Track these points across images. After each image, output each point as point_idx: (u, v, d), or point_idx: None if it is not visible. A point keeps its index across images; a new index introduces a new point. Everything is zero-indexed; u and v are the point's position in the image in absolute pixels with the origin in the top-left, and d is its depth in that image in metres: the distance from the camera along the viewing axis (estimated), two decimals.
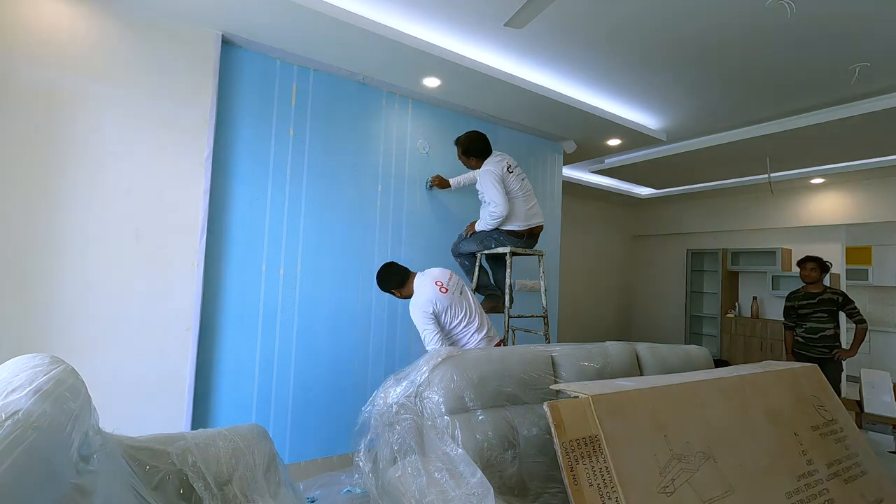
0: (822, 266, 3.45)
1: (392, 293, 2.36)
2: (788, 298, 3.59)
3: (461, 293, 2.26)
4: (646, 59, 2.66)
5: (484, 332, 2.24)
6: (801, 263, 3.51)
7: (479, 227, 2.71)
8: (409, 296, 2.27)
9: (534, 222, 2.69)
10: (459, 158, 2.78)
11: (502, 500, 1.34)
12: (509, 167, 2.64)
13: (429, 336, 2.13)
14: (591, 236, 6.71)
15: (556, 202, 3.91)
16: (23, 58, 1.94)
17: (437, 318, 2.15)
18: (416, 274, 2.31)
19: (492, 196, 2.55)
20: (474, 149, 2.68)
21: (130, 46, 2.16)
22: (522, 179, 2.68)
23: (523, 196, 2.65)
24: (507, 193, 2.57)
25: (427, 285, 2.20)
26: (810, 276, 3.43)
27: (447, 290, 2.19)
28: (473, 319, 2.22)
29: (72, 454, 0.87)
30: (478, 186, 2.68)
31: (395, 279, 2.30)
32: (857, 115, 3.16)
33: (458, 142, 2.74)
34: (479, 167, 2.69)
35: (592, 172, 5.35)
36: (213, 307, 2.35)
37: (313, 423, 2.60)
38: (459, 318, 2.19)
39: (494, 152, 2.71)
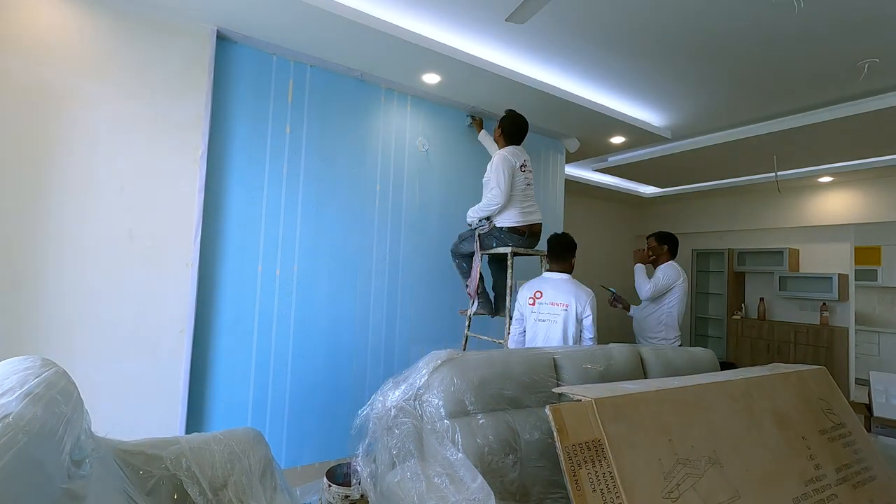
0: None
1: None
2: None
3: (544, 319, 2.45)
4: (650, 55, 2.63)
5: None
6: None
7: (472, 212, 2.71)
8: (566, 271, 2.57)
9: (532, 219, 2.67)
10: (495, 129, 2.82)
11: None
12: (523, 166, 2.64)
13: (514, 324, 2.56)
14: (594, 236, 6.66)
15: (558, 201, 3.88)
16: (12, 54, 1.92)
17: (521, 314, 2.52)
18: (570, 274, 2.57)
19: (496, 181, 2.55)
20: (510, 127, 2.71)
21: (123, 42, 2.14)
22: (528, 184, 2.67)
23: (522, 195, 2.63)
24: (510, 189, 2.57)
25: (537, 283, 2.53)
26: None
27: (533, 302, 2.47)
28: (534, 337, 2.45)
29: (63, 458, 0.86)
30: (488, 166, 2.66)
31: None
32: (867, 112, 3.11)
33: (506, 113, 2.78)
34: (501, 146, 2.70)
35: (595, 171, 5.31)
36: (207, 308, 2.33)
37: (310, 426, 2.58)
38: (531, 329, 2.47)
39: (520, 147, 2.72)
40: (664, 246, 3.15)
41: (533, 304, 2.45)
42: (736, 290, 6.09)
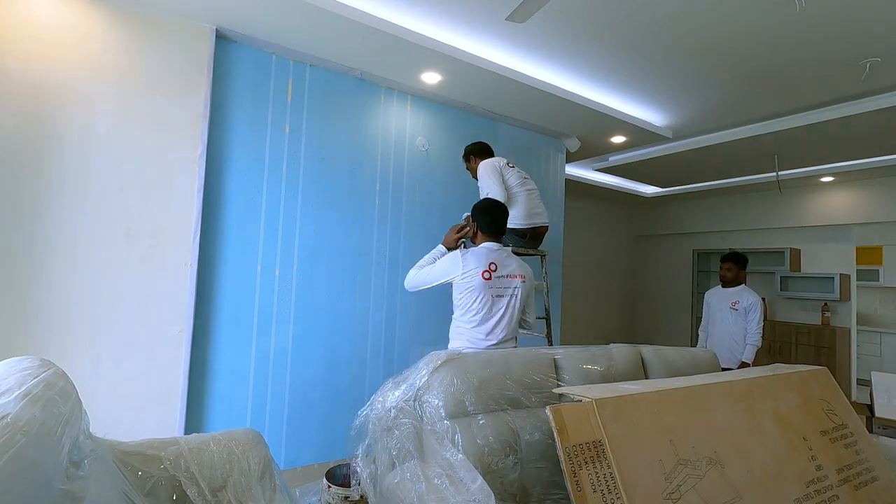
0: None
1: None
2: None
3: (504, 295, 2.07)
4: (651, 54, 2.62)
5: (493, 341, 2.09)
6: None
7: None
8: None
9: (536, 221, 2.65)
10: (468, 168, 2.84)
11: None
12: (508, 163, 2.65)
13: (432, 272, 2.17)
14: (595, 236, 6.66)
15: (558, 201, 3.87)
16: (11, 52, 1.92)
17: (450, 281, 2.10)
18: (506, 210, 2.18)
19: (489, 186, 2.53)
20: (480, 149, 2.75)
21: (122, 41, 2.14)
22: (524, 178, 2.66)
23: (526, 193, 2.62)
24: (507, 188, 2.56)
25: (479, 255, 2.06)
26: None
27: (489, 277, 2.02)
28: (487, 321, 2.07)
29: (62, 459, 0.85)
30: (479, 184, 2.66)
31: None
32: (868, 111, 3.11)
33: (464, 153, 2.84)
34: (478, 164, 2.70)
35: (596, 171, 5.30)
36: (206, 309, 2.33)
37: (309, 427, 2.58)
38: (473, 308, 2.08)
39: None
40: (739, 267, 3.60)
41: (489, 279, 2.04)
42: None
